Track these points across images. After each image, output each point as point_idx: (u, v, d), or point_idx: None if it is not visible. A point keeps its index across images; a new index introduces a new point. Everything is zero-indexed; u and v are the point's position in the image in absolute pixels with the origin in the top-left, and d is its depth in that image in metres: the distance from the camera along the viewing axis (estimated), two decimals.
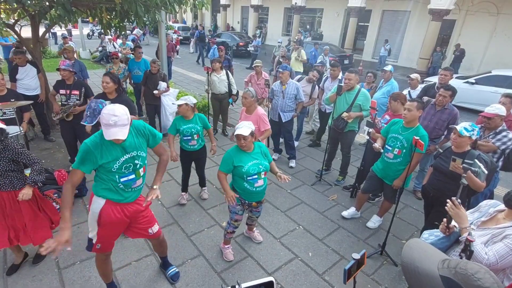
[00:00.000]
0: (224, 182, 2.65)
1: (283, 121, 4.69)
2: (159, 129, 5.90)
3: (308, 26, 21.08)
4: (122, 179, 2.08)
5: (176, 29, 20.79)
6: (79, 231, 3.24)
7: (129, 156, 2.06)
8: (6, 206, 2.44)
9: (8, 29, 5.09)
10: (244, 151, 2.65)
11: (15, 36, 4.88)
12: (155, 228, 2.41)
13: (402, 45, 15.86)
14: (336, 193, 4.26)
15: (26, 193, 2.40)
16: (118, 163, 2.02)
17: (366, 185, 3.55)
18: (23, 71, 4.95)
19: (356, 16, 15.18)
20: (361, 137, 5.78)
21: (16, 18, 5.35)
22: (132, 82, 6.38)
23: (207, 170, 4.01)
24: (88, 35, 19.98)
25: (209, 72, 5.46)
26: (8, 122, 3.64)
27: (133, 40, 12.92)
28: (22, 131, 3.75)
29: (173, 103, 3.49)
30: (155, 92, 5.32)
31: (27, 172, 3.76)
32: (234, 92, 5.73)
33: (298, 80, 5.04)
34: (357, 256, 1.35)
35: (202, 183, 3.96)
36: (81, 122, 3.66)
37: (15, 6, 4.43)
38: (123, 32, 7.05)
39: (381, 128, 3.63)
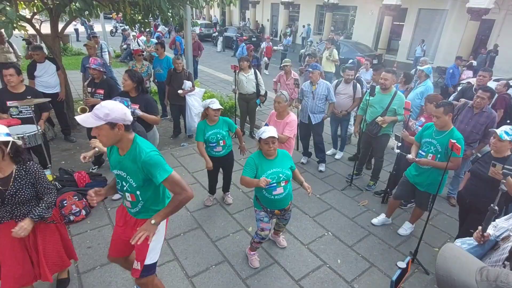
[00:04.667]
0: (250, 181, 2.62)
1: (313, 123, 4.76)
2: (184, 130, 6.07)
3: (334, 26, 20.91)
4: (119, 191, 2.10)
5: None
6: (100, 235, 3.39)
7: (119, 173, 1.98)
8: (28, 238, 2.24)
9: (25, 23, 4.83)
10: (267, 157, 2.67)
11: (26, 31, 4.80)
12: (135, 265, 2.10)
13: (438, 45, 15.39)
14: (367, 198, 4.29)
15: (25, 228, 2.05)
16: (114, 172, 2.03)
17: (398, 191, 3.56)
18: (41, 68, 5.00)
19: (391, 15, 14.97)
20: (393, 141, 5.70)
21: (34, 11, 5.36)
22: (155, 80, 6.62)
23: (233, 173, 4.07)
24: (111, 32, 20.58)
25: (237, 71, 5.60)
26: (25, 121, 3.72)
27: (158, 38, 13.40)
28: (40, 130, 3.68)
29: (211, 106, 3.42)
30: (180, 91, 5.44)
31: (47, 173, 3.85)
32: (262, 92, 5.83)
33: (337, 84, 5.02)
34: (402, 264, 1.34)
35: (226, 188, 4.04)
36: None
37: None
38: (147, 29, 7.26)
39: (415, 132, 3.62)
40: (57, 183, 3.82)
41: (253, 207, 3.95)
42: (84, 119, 1.75)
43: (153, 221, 1.90)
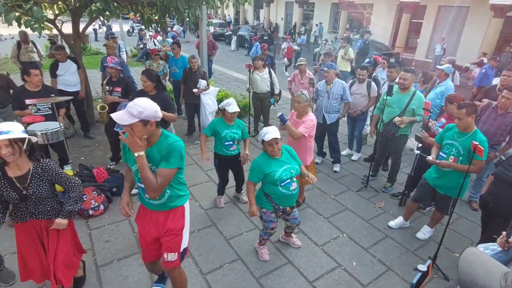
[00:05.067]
0: (251, 195, 2.73)
1: (328, 123, 4.70)
2: (198, 128, 6.14)
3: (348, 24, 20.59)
4: (138, 183, 2.13)
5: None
6: (117, 229, 3.48)
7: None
8: (45, 237, 2.28)
9: (49, 24, 5.07)
10: (273, 157, 2.69)
11: (51, 30, 5.02)
12: (171, 256, 2.17)
13: (459, 44, 14.88)
14: (384, 200, 4.20)
15: (61, 223, 2.19)
16: (135, 167, 2.02)
17: (417, 193, 3.47)
18: (63, 67, 5.18)
19: (409, 12, 14.61)
20: (412, 142, 5.56)
21: (56, 12, 5.55)
22: (171, 79, 6.71)
23: (245, 172, 4.06)
24: (128, 32, 21.09)
25: (251, 70, 5.60)
26: (46, 118, 3.83)
27: (173, 37, 13.58)
28: (62, 127, 3.81)
29: (228, 109, 3.42)
30: (195, 90, 5.49)
31: (68, 169, 3.95)
32: (277, 91, 5.82)
33: (351, 84, 4.95)
34: (423, 267, 1.31)
35: (240, 187, 4.04)
36: (114, 129, 3.89)
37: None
38: (164, 28, 7.39)
39: (436, 133, 3.52)
40: (77, 178, 3.89)
41: None
42: (118, 117, 1.79)
43: (140, 153, 1.83)
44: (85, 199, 3.59)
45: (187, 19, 5.93)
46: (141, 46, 13.75)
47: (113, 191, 3.98)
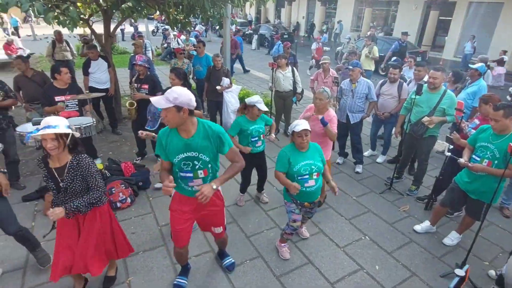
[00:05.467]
0: (283, 179, 2.73)
1: (351, 123, 4.60)
2: (220, 124, 6.19)
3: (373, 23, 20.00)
4: (180, 174, 2.18)
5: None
6: (143, 222, 3.56)
7: (189, 154, 2.09)
8: (81, 230, 2.34)
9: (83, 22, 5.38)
10: (300, 149, 2.73)
11: (84, 27, 5.24)
12: (219, 230, 2.59)
13: (490, 42, 14.07)
14: (408, 203, 4.05)
15: (54, 212, 2.06)
16: (178, 158, 2.10)
17: (447, 198, 3.31)
18: (95, 65, 5.39)
19: (437, 9, 14.02)
20: (439, 144, 5.33)
21: (90, 12, 5.81)
22: (194, 77, 6.80)
23: (268, 170, 4.05)
24: (152, 31, 21.59)
25: (274, 68, 5.57)
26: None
27: (195, 36, 13.77)
28: (94, 122, 3.93)
29: (259, 106, 3.39)
30: (218, 88, 5.55)
31: (98, 162, 4.05)
32: (299, 90, 5.75)
33: (381, 84, 4.80)
34: (461, 272, 1.26)
35: (262, 186, 3.98)
36: (145, 127, 3.99)
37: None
38: (187, 28, 7.54)
39: (468, 135, 3.34)
40: (106, 171, 4.09)
41: (287, 205, 3.95)
42: (156, 101, 1.95)
43: (214, 186, 2.07)
44: (114, 191, 3.71)
45: (211, 18, 5.99)
46: (165, 45, 14.04)
47: (139, 185, 4.08)
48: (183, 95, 1.92)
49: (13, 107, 3.99)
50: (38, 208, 3.71)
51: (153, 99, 1.98)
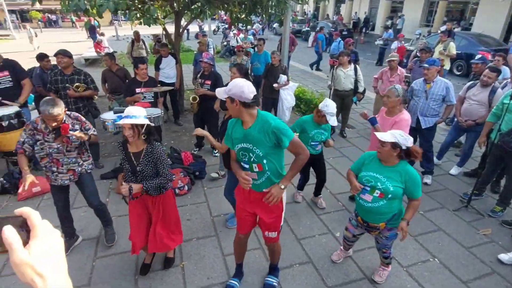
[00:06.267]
0: (351, 177, 2.51)
1: (423, 127, 4.03)
2: None
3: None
4: (241, 164, 2.21)
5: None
6: (198, 210, 3.62)
7: (245, 146, 2.09)
8: (151, 212, 2.55)
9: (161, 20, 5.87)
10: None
11: (163, 24, 5.67)
12: (272, 234, 2.38)
13: None
14: (491, 227, 3.40)
15: (137, 188, 2.30)
16: (237, 147, 2.15)
17: None
18: (165, 62, 5.75)
19: None
20: None
21: (163, 14, 6.28)
22: (252, 74, 6.78)
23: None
24: (214, 31, 22.52)
25: (335, 66, 5.23)
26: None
27: (253, 35, 13.86)
28: (162, 113, 4.22)
29: (326, 113, 3.21)
30: (275, 85, 5.45)
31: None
32: (361, 89, 5.31)
33: (469, 87, 4.11)
34: None
35: (320, 191, 3.74)
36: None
37: (166, 2, 5.24)
38: (248, 26, 7.63)
39: None
40: (169, 159, 4.30)
41: (341, 211, 3.68)
42: (218, 92, 2.02)
43: (282, 186, 2.07)
44: (174, 178, 3.85)
45: (273, 16, 5.93)
46: (225, 43, 14.43)
47: (195, 174, 4.20)
48: (235, 87, 1.94)
49: (95, 96, 4.43)
50: (112, 186, 4.07)
51: (217, 90, 2.05)
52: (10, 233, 0.53)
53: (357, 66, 5.38)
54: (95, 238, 3.19)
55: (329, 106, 3.13)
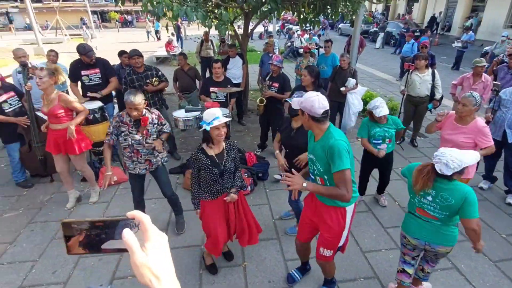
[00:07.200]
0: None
1: (510, 142, 3.56)
2: (338, 127, 5.85)
3: None
4: (310, 172, 2.23)
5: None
6: (260, 212, 3.61)
7: (311, 157, 2.12)
8: (231, 210, 2.59)
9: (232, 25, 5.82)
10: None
11: (233, 29, 5.79)
12: (327, 252, 2.22)
13: None
14: None
15: (234, 196, 2.47)
16: (308, 156, 2.18)
17: None
18: (232, 62, 5.81)
19: None
20: None
21: (233, 16, 6.22)
22: None
23: (390, 182, 3.69)
24: (277, 31, 22.51)
25: (411, 70, 4.86)
26: (221, 104, 4.41)
27: (318, 36, 13.54)
28: (230, 113, 4.26)
29: (376, 112, 3.19)
30: (342, 89, 5.21)
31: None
32: (439, 96, 4.85)
33: None
34: None
35: (382, 189, 3.69)
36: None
37: (238, 4, 5.31)
38: (316, 27, 7.42)
39: None
40: None
41: None
42: (295, 101, 2.06)
43: (305, 184, 1.94)
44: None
45: (343, 16, 5.69)
46: (289, 44, 14.33)
47: (258, 175, 4.23)
48: (306, 101, 1.94)
49: (165, 89, 4.61)
50: (179, 181, 4.29)
51: (292, 100, 2.11)
52: (130, 236, 0.55)
53: (435, 70, 4.92)
54: (163, 230, 3.28)
55: (371, 103, 3.24)
